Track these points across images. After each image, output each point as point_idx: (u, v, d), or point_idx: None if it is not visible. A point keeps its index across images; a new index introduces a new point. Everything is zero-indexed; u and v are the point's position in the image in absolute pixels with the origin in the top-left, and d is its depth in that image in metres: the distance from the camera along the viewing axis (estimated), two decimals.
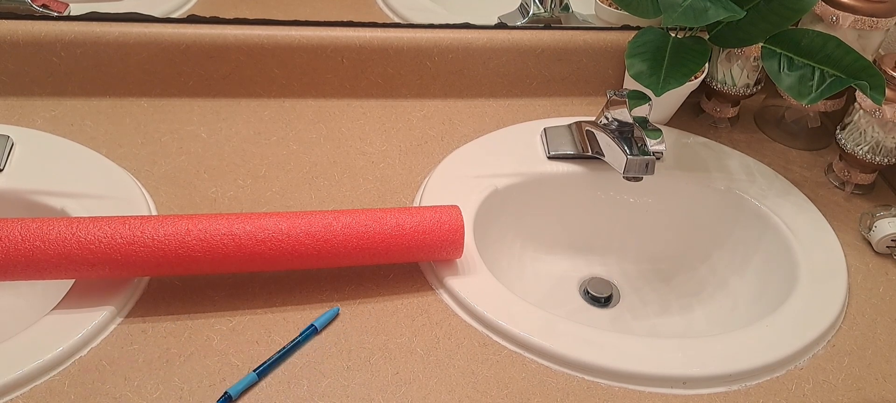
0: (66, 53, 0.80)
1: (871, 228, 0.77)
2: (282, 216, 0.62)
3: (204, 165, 0.77)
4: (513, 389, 0.60)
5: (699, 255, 0.84)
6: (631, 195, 0.84)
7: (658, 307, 0.82)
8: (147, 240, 0.58)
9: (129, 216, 0.60)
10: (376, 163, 0.80)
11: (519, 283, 0.79)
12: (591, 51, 0.91)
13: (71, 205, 0.68)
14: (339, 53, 0.86)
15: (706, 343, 0.65)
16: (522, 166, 0.80)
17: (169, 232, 0.59)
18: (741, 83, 0.89)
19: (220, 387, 0.57)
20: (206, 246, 0.59)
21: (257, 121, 0.84)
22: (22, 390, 0.55)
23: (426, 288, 0.67)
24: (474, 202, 0.74)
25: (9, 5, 0.80)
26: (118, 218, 0.59)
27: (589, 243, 0.85)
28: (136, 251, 0.58)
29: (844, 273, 0.73)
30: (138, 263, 0.59)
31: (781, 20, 0.75)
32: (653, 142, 0.73)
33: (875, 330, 0.69)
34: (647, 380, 0.61)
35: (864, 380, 0.64)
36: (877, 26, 0.80)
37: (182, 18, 0.84)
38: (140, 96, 0.84)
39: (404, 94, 0.90)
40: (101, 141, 0.78)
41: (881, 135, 0.81)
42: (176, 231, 0.59)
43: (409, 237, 0.63)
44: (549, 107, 0.91)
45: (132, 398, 0.56)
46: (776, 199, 0.81)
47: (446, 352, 0.62)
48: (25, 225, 0.57)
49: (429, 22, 0.89)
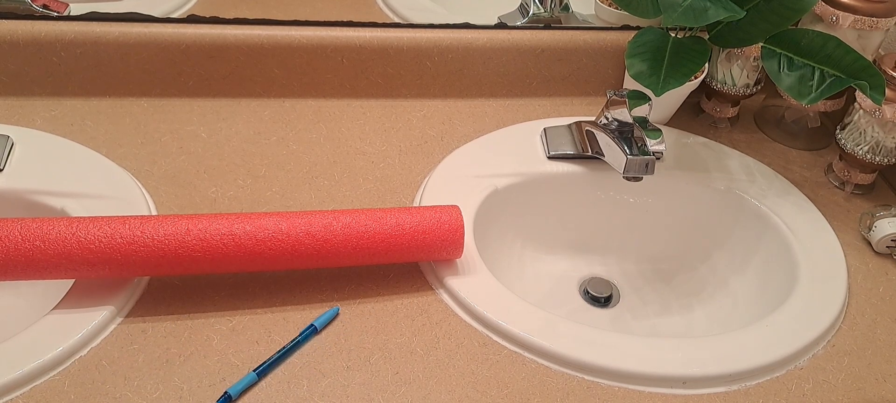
0: (66, 53, 0.80)
1: (871, 228, 0.77)
2: (282, 216, 0.62)
3: (204, 165, 0.77)
4: (512, 389, 0.60)
5: (699, 255, 0.84)
6: (631, 195, 0.84)
7: (658, 307, 0.82)
8: (147, 240, 0.58)
9: (129, 216, 0.60)
10: (376, 162, 0.80)
11: (519, 283, 0.79)
12: (591, 51, 0.91)
13: (71, 205, 0.68)
14: (338, 53, 0.86)
15: (706, 343, 0.65)
16: (522, 166, 0.80)
17: (169, 232, 0.59)
18: (741, 83, 0.89)
19: (219, 387, 0.57)
20: (206, 246, 0.59)
21: (257, 121, 0.84)
22: (22, 390, 0.55)
23: (426, 287, 0.67)
24: (474, 202, 0.74)
25: (9, 5, 0.80)
26: (118, 218, 0.59)
27: (589, 243, 0.85)
28: (136, 251, 0.58)
29: (844, 273, 0.73)
30: (138, 263, 0.59)
31: (781, 20, 0.75)
32: (653, 142, 0.73)
33: (875, 329, 0.69)
34: (646, 380, 0.61)
35: (864, 380, 0.64)
36: (877, 26, 0.80)
37: (182, 18, 0.84)
38: (140, 96, 0.84)
39: (404, 94, 0.90)
40: (101, 141, 0.78)
41: (881, 135, 0.81)
42: (176, 231, 0.59)
43: (409, 237, 0.63)
44: (549, 107, 0.91)
45: (132, 398, 0.56)
46: (776, 199, 0.81)
47: (446, 352, 0.62)
48: (25, 225, 0.57)
49: (429, 22, 0.89)
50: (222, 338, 0.60)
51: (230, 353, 0.59)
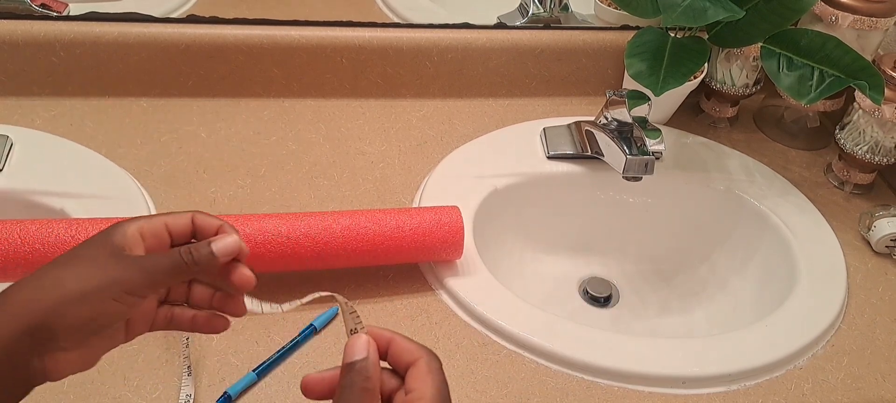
0: (66, 53, 0.80)
1: (871, 228, 0.77)
2: (281, 218, 0.62)
3: (203, 165, 0.77)
4: (512, 389, 0.60)
5: (698, 255, 0.84)
6: (630, 195, 0.84)
7: (657, 307, 0.82)
8: None
9: (127, 217, 0.60)
10: (376, 163, 0.80)
11: (518, 283, 0.79)
12: (590, 51, 0.91)
13: (70, 205, 0.68)
14: (338, 53, 0.86)
15: (706, 343, 0.65)
16: (522, 166, 0.80)
17: None
18: (740, 83, 0.89)
19: (219, 387, 0.57)
20: None
21: (257, 121, 0.84)
22: None
23: (426, 288, 0.67)
24: (474, 202, 0.74)
25: (8, 5, 0.80)
26: (116, 220, 0.59)
27: (588, 243, 0.85)
28: None
29: (844, 273, 0.74)
30: None
31: (781, 20, 0.75)
32: (652, 142, 0.73)
33: (874, 329, 0.69)
34: (646, 380, 0.61)
35: (864, 380, 0.64)
36: (876, 26, 0.80)
37: (181, 18, 0.84)
38: (139, 96, 0.84)
39: (404, 94, 0.90)
40: (100, 141, 0.78)
41: (880, 135, 0.81)
42: None
43: (409, 238, 0.63)
44: (548, 106, 0.91)
45: (132, 398, 0.56)
46: (775, 199, 0.81)
47: (446, 352, 0.62)
48: (25, 228, 0.57)
49: (428, 22, 0.89)
50: (222, 338, 0.60)
51: (230, 353, 0.59)
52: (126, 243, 0.40)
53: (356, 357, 0.38)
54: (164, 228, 0.42)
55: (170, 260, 0.41)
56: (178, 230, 0.43)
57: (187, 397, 0.55)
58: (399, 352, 0.39)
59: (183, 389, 0.56)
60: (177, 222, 0.43)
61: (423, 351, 0.39)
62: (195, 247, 0.41)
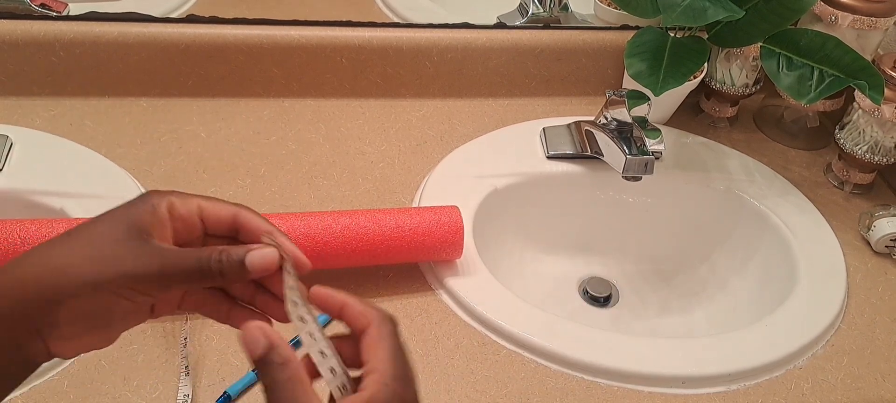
0: (66, 53, 0.80)
1: (870, 228, 0.77)
2: (281, 218, 0.62)
3: (203, 165, 0.77)
4: (512, 389, 0.60)
5: (698, 255, 0.84)
6: (630, 195, 0.84)
7: (657, 307, 0.82)
8: None
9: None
10: (375, 162, 0.80)
11: (518, 283, 0.79)
12: (590, 50, 0.91)
13: (70, 205, 0.68)
14: (338, 53, 0.86)
15: (705, 342, 0.65)
16: (522, 166, 0.80)
17: None
18: (740, 83, 0.89)
19: (219, 387, 0.57)
20: None
21: (256, 121, 0.84)
22: (22, 390, 0.55)
23: (426, 287, 0.67)
24: (474, 202, 0.74)
25: (8, 5, 0.80)
26: None
27: (588, 243, 0.85)
28: None
29: (843, 272, 0.74)
30: None
31: (780, 20, 0.75)
32: (652, 142, 0.73)
33: (874, 329, 0.69)
34: (646, 380, 0.61)
35: (863, 380, 0.64)
36: (876, 26, 0.80)
37: (181, 18, 0.84)
38: (139, 96, 0.84)
39: (403, 94, 0.90)
40: (100, 141, 0.78)
41: (880, 135, 0.81)
42: None
43: (409, 238, 0.63)
44: (548, 106, 0.91)
45: (132, 398, 0.56)
46: (775, 199, 0.81)
47: (445, 352, 0.62)
48: (25, 228, 0.57)
49: (428, 22, 0.89)
50: (222, 338, 0.60)
51: (230, 353, 0.59)
52: (153, 223, 0.36)
53: (259, 351, 0.33)
54: (198, 213, 0.38)
55: (194, 262, 0.36)
56: (214, 221, 0.38)
57: (185, 397, 0.55)
58: (352, 317, 0.36)
59: (181, 389, 0.56)
60: (216, 212, 0.38)
61: (373, 314, 0.36)
62: (227, 253, 0.36)
